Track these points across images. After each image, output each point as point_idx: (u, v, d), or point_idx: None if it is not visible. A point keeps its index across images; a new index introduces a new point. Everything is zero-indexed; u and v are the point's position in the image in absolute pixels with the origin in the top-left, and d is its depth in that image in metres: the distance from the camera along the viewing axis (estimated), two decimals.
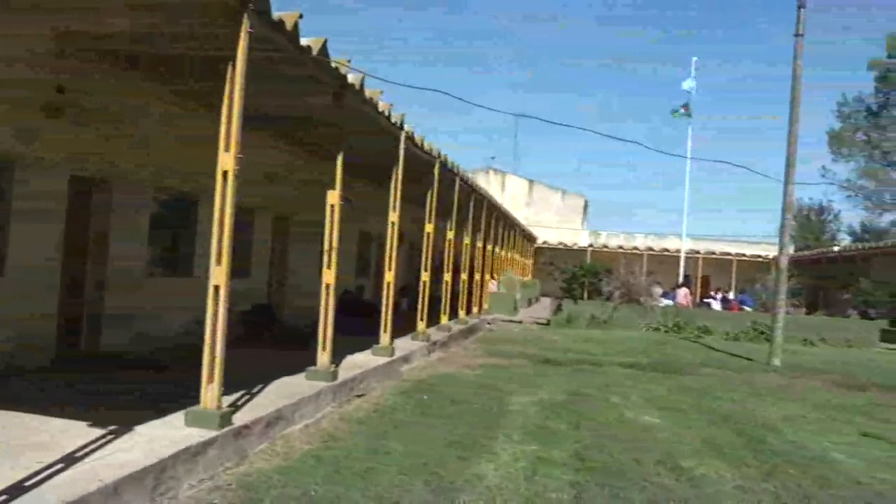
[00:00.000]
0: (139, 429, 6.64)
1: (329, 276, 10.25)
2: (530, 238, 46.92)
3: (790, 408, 12.38)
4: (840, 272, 38.43)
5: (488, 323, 24.71)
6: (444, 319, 18.73)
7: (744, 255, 48.99)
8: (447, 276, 18.79)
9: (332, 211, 10.25)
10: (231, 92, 6.96)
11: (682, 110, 37.60)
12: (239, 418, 7.23)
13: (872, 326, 27.99)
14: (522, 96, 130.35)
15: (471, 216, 21.57)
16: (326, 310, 10.24)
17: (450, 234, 18.23)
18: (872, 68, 58.63)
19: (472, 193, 21.42)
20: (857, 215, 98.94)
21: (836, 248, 48.57)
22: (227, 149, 6.97)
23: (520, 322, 26.24)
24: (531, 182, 57.07)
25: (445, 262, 18.70)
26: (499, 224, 30.11)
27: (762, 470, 7.97)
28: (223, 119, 6.99)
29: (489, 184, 51.37)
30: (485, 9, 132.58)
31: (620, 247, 49.61)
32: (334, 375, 10.14)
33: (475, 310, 24.40)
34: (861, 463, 8.69)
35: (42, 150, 9.69)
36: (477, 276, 25.22)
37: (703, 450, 8.77)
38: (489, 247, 28.19)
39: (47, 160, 9.81)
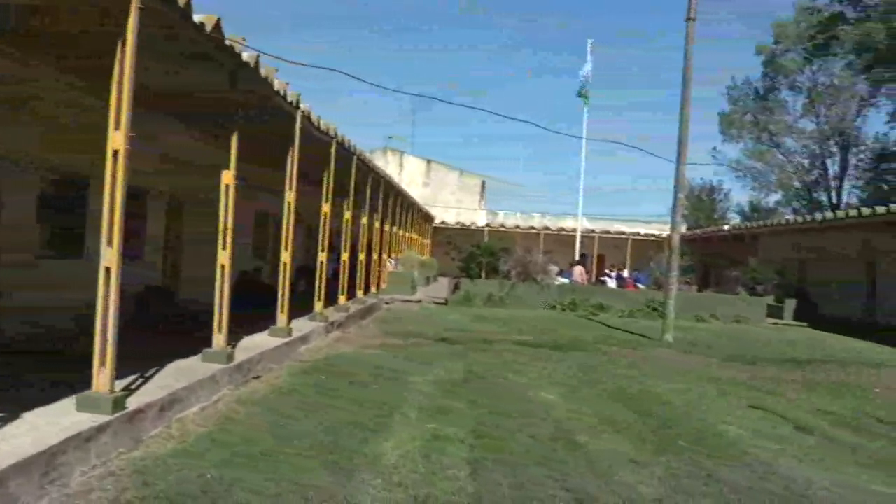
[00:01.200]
0: (27, 416, 6.44)
1: (224, 258, 10.10)
2: (428, 218, 46.98)
3: (682, 382, 12.69)
4: (730, 250, 39.40)
5: (386, 303, 24.70)
6: (342, 300, 18.65)
7: (638, 234, 49.89)
8: (345, 256, 18.71)
9: (227, 191, 10.10)
10: (121, 68, 6.78)
11: (583, 92, 37.90)
12: (133, 402, 7.09)
13: (760, 302, 28.83)
14: (423, 77, 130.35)
15: (368, 196, 21.50)
16: (222, 291, 10.09)
17: (347, 214, 18.13)
18: (760, 53, 60.13)
19: (370, 173, 21.33)
20: (745, 195, 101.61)
21: (726, 227, 49.68)
22: (116, 127, 6.79)
23: (418, 301, 26.30)
24: (429, 162, 57.06)
25: (343, 242, 18.60)
26: (396, 204, 30.06)
27: (655, 444, 8.17)
28: (113, 96, 6.80)
29: (387, 163, 51.25)
30: None
31: (517, 226, 50.04)
32: (230, 357, 10.02)
33: (373, 289, 24.37)
34: (748, 434, 8.98)
35: None
36: (375, 256, 25.18)
37: (598, 425, 8.94)
38: (387, 226, 28.14)
39: None
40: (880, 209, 28.11)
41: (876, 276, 30.98)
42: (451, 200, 55.01)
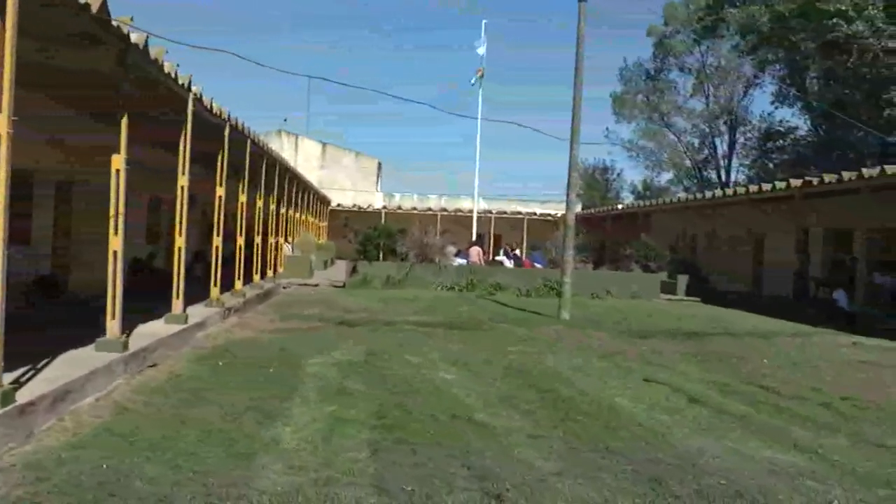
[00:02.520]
0: None
1: (116, 243, 9.90)
2: (325, 200, 46.73)
3: (579, 358, 12.91)
4: (624, 228, 40.18)
5: (284, 287, 24.50)
6: (238, 285, 18.44)
7: (534, 213, 50.48)
8: (241, 241, 18.48)
9: (118, 176, 9.88)
10: (1, 49, 6.57)
11: (478, 74, 37.93)
12: (23, 395, 6.91)
13: (654, 279, 29.43)
14: (318, 59, 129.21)
15: (263, 179, 21.27)
16: (115, 278, 9.89)
17: (242, 198, 17.91)
18: (651, 34, 61.28)
19: (265, 156, 21.10)
20: (638, 174, 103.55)
21: (619, 206, 50.62)
22: None
23: (316, 285, 26.16)
24: (324, 144, 56.69)
25: (239, 226, 18.37)
26: (292, 187, 29.82)
27: (553, 419, 8.31)
28: None
29: (282, 146, 50.76)
30: None
31: (414, 208, 50.16)
32: (125, 346, 9.83)
33: (270, 274, 24.13)
34: (643, 407, 9.20)
35: None
36: (271, 240, 24.94)
37: (497, 402, 9.04)
38: (283, 210, 27.91)
39: None
40: (766, 187, 28.99)
41: (763, 251, 31.97)
42: (348, 183, 54.79)
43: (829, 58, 41.93)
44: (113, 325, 9.86)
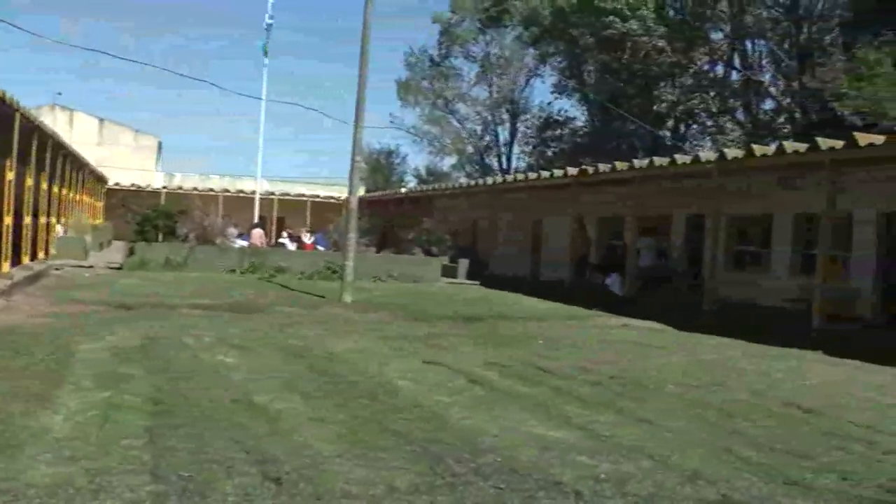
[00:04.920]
0: None
1: None
2: (101, 179, 44.95)
3: (361, 341, 12.98)
4: (408, 213, 40.59)
5: (56, 269, 23.40)
6: (5, 266, 17.49)
7: (318, 196, 50.20)
8: (8, 220, 17.52)
9: None
10: None
11: (265, 46, 37.19)
12: None
13: (435, 263, 29.88)
14: (95, 31, 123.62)
15: (34, 156, 20.23)
16: None
17: (10, 175, 16.99)
18: (436, 21, 62.05)
19: (35, 131, 20.07)
20: (422, 159, 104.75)
21: (403, 190, 51.11)
22: None
23: (91, 267, 25.12)
24: (101, 120, 54.49)
25: (6, 205, 17.40)
26: (66, 164, 28.51)
27: (334, 401, 8.31)
28: None
29: (55, 121, 48.36)
30: None
31: (196, 189, 48.84)
32: None
33: (41, 255, 23.03)
34: (423, 388, 9.35)
35: None
36: (42, 220, 23.78)
37: (277, 386, 8.96)
38: (55, 188, 26.65)
39: None
40: (544, 174, 30.03)
41: (541, 236, 33.09)
42: (127, 162, 52.85)
43: (606, 53, 43.91)
44: None
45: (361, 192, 39.84)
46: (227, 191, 48.20)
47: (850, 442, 7.69)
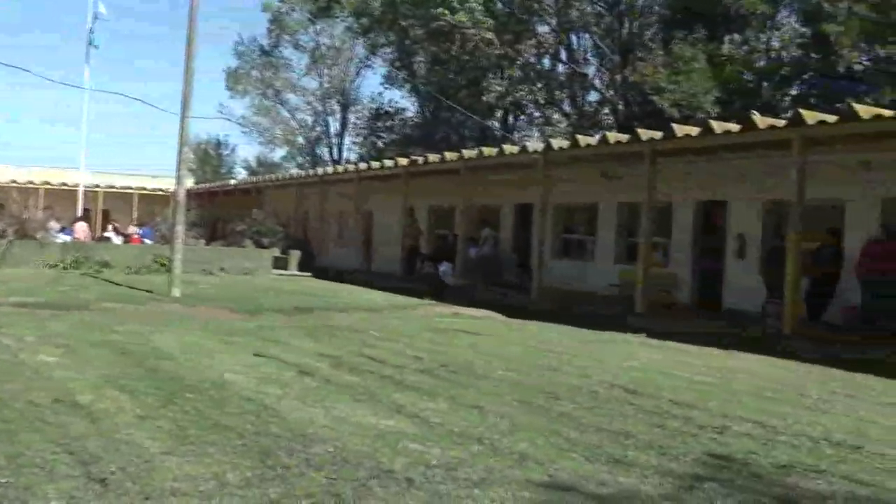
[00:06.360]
0: None
1: None
2: None
3: (190, 336, 12.74)
4: (237, 204, 40.02)
5: None
6: None
7: (145, 188, 48.79)
8: None
9: None
10: None
11: (93, 36, 35.68)
12: None
13: (266, 255, 29.59)
14: None
15: None
16: None
17: None
18: (266, 10, 61.20)
19: None
20: (252, 150, 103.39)
21: (232, 182, 50.36)
22: None
23: None
24: None
25: None
26: None
27: (161, 398, 8.12)
28: None
29: None
30: None
31: (14, 181, 46.69)
32: None
33: None
34: (253, 381, 9.25)
35: None
36: None
37: (101, 384, 8.70)
38: None
39: None
40: (375, 164, 30.15)
41: (372, 227, 33.19)
42: None
43: (436, 44, 44.27)
44: None
45: (190, 183, 39.04)
46: (49, 183, 46.20)
47: (668, 419, 8.07)
